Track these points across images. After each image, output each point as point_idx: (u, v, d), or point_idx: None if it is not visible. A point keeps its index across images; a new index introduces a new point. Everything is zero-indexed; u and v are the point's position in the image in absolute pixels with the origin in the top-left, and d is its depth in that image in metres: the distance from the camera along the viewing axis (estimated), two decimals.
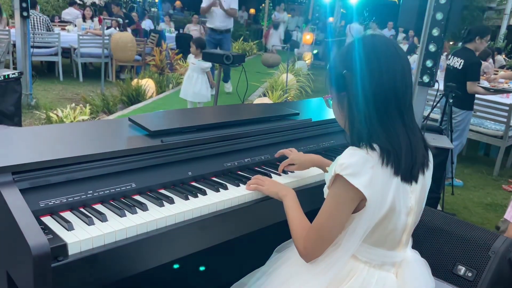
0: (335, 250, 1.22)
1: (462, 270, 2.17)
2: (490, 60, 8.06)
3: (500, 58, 11.06)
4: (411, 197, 1.22)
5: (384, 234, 1.20)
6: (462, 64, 4.33)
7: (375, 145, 1.15)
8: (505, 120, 5.18)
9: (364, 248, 1.21)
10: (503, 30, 15.22)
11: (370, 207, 1.14)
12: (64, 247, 1.12)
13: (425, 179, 1.25)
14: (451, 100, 4.32)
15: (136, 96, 6.45)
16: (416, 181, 1.20)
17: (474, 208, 4.38)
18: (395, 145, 1.15)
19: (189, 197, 1.45)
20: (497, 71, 8.44)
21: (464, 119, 4.55)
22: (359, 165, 1.12)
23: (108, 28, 8.44)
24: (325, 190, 1.26)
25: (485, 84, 5.59)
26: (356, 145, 1.17)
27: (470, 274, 2.14)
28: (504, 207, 4.18)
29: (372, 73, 1.15)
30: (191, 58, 5.27)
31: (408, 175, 1.17)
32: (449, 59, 4.56)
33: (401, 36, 13.80)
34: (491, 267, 2.10)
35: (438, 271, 2.08)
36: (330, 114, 2.43)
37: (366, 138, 1.16)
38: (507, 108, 5.11)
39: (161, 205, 1.38)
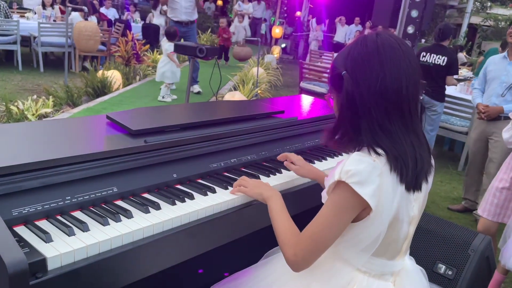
0: (335, 260, 1.16)
1: (442, 268, 2.18)
2: None
3: (462, 56, 11.41)
4: (414, 206, 1.17)
5: (385, 244, 1.15)
6: (446, 60, 4.59)
7: (380, 150, 1.09)
8: (470, 116, 5.33)
9: (364, 258, 1.16)
10: (464, 28, 15.73)
11: (375, 218, 1.08)
12: (43, 262, 1.01)
13: (428, 185, 1.20)
14: (421, 97, 4.43)
15: (101, 88, 6.20)
16: (420, 190, 1.15)
17: (442, 202, 4.49)
18: (401, 152, 1.09)
19: (176, 202, 1.36)
20: (459, 68, 8.70)
21: (441, 110, 4.89)
22: (366, 173, 1.05)
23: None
24: (323, 195, 1.20)
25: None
26: (355, 151, 1.11)
27: (450, 273, 2.15)
28: None
29: (374, 77, 1.08)
30: (166, 44, 6.23)
31: (413, 185, 1.11)
32: (423, 56, 4.66)
33: (367, 32, 13.99)
34: (470, 265, 2.13)
35: None
36: (312, 112, 2.39)
37: (368, 143, 1.10)
38: (472, 104, 5.25)
39: (147, 211, 1.28)
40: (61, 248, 1.06)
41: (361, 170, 1.05)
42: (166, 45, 6.17)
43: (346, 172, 1.06)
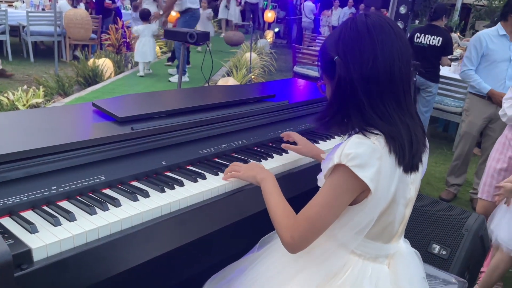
0: (330, 243, 1.15)
1: (436, 248, 2.19)
2: None
3: (455, 36, 11.34)
4: (411, 188, 1.16)
5: (382, 227, 1.15)
6: (440, 41, 4.55)
7: (378, 132, 1.07)
8: (464, 97, 5.32)
9: (360, 241, 1.15)
10: (457, 8, 15.62)
11: (373, 200, 1.07)
12: (28, 253, 0.99)
13: (423, 166, 1.19)
14: (414, 79, 4.41)
15: (93, 77, 6.14)
16: (417, 171, 1.14)
17: (437, 183, 4.50)
18: (396, 134, 1.07)
19: (165, 189, 1.34)
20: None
21: (436, 91, 4.85)
22: (366, 156, 1.04)
23: None
24: (320, 177, 1.18)
25: None
26: (351, 133, 1.10)
27: (444, 252, 2.16)
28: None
29: (366, 59, 1.06)
30: (141, 27, 6.87)
31: (409, 166, 1.10)
32: (418, 37, 4.62)
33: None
34: (464, 245, 2.13)
35: None
36: (304, 95, 2.37)
37: (363, 126, 1.08)
38: (466, 85, 5.23)
39: (135, 199, 1.26)
40: (47, 238, 1.04)
41: (361, 153, 1.04)
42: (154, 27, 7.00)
43: (346, 155, 1.04)
